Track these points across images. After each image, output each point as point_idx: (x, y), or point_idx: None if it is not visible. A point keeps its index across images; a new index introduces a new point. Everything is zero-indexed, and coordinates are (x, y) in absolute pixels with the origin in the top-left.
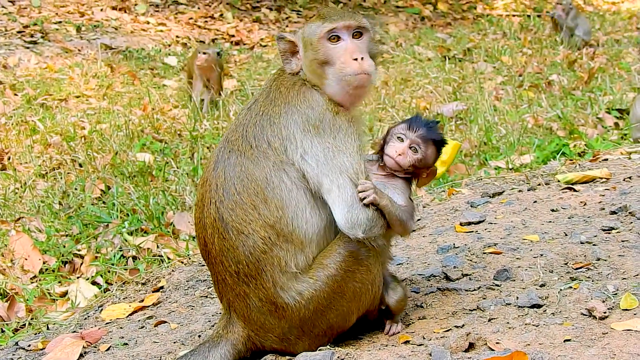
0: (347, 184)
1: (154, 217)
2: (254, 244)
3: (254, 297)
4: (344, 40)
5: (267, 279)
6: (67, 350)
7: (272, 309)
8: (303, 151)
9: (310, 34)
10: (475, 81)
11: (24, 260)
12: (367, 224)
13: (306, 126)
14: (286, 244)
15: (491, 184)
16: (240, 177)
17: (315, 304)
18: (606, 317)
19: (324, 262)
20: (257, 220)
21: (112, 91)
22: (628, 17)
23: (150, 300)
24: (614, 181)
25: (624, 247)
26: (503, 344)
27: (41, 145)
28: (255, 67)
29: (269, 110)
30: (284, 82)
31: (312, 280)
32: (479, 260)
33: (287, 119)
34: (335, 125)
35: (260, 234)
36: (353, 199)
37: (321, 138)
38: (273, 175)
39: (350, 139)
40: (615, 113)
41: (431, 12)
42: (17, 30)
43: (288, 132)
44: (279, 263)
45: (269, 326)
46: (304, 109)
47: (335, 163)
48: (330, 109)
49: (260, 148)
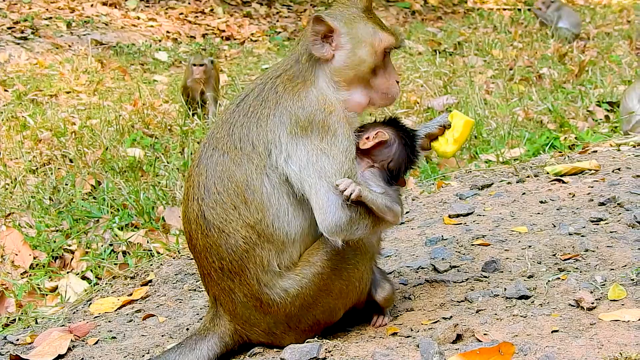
0: (324, 189)
1: (145, 212)
2: (236, 243)
3: (239, 292)
4: (388, 56)
5: (250, 277)
6: (55, 344)
7: (257, 305)
8: (287, 155)
9: (372, 36)
10: (465, 75)
11: (14, 256)
12: (348, 226)
13: (294, 128)
14: (268, 244)
15: (480, 177)
16: (221, 177)
17: (301, 300)
18: (594, 307)
19: (311, 259)
20: (237, 220)
21: (103, 87)
22: (619, 11)
23: (138, 294)
24: (603, 173)
25: (612, 239)
26: (491, 335)
27: (31, 140)
28: (245, 62)
29: (258, 111)
30: (284, 83)
31: (299, 277)
32: (467, 252)
33: (275, 121)
34: (325, 125)
35: (241, 234)
36: (330, 203)
37: (307, 139)
38: (254, 179)
39: (338, 140)
40: (606, 106)
41: (422, 6)
42: (7, 26)
43: (274, 136)
44: (261, 262)
45: (254, 321)
46: (294, 110)
47: (316, 168)
48: (323, 108)
49: (245, 150)
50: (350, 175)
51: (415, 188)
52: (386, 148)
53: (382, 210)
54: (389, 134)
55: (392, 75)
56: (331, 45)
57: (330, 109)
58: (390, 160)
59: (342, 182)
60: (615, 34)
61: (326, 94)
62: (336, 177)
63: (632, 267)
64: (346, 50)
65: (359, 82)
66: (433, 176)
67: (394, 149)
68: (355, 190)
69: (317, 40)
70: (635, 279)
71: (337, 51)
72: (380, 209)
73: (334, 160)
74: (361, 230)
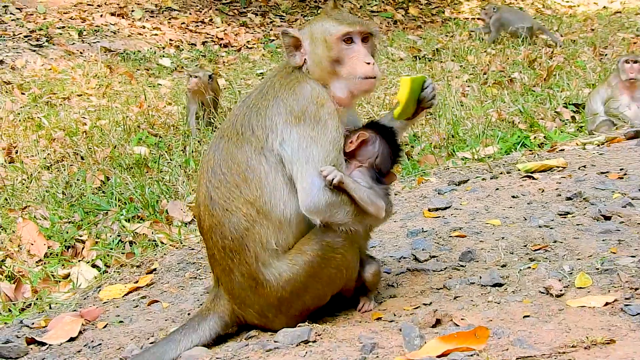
0: (310, 172)
1: (150, 205)
2: (238, 221)
3: (237, 272)
4: (356, 44)
5: (249, 255)
6: (67, 327)
7: (253, 285)
8: (282, 139)
9: (324, 32)
10: (443, 79)
11: (30, 245)
12: (327, 209)
13: (289, 117)
14: (266, 222)
15: (457, 173)
16: (226, 160)
17: (292, 286)
18: (562, 294)
19: (303, 248)
20: (239, 198)
21: (111, 90)
22: (583, 20)
23: (144, 282)
24: (570, 170)
25: (579, 231)
26: (467, 320)
27: (46, 140)
28: (242, 68)
29: (258, 103)
30: (281, 79)
31: (291, 264)
32: (446, 243)
33: (272, 111)
34: (316, 117)
35: (242, 211)
36: (312, 186)
37: (300, 128)
38: (253, 159)
39: (327, 131)
40: (572, 107)
41: (403, 16)
42: (24, 34)
43: (271, 123)
44: (260, 240)
45: (249, 302)
46: (290, 101)
47: (305, 153)
48: (315, 101)
49: (245, 135)
50: (336, 164)
51: (398, 184)
52: (370, 146)
53: (364, 200)
54: (369, 134)
55: (360, 58)
56: (300, 52)
57: (322, 102)
58: (376, 157)
59: (326, 168)
60: (580, 41)
61: (317, 89)
62: (322, 164)
63: (597, 257)
64: (309, 52)
65: (332, 77)
66: (414, 173)
67: (377, 146)
68: (337, 176)
69: (289, 51)
70: (600, 268)
71: (305, 56)
72: (362, 199)
73: (322, 148)
74: (341, 215)
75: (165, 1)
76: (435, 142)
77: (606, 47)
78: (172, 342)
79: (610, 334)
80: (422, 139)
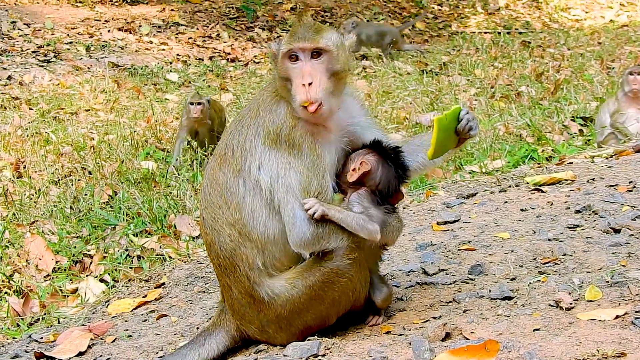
0: (291, 204)
1: (157, 220)
2: (225, 240)
3: (235, 289)
4: (301, 61)
5: (240, 273)
6: (75, 342)
7: (251, 302)
8: (260, 163)
9: (276, 49)
10: (450, 93)
11: (38, 260)
12: (315, 241)
13: (266, 140)
14: (249, 243)
15: (465, 187)
16: (211, 180)
17: (291, 306)
18: (572, 307)
19: (304, 274)
20: (222, 218)
21: (119, 105)
22: (590, 33)
23: (152, 296)
24: (579, 183)
25: (588, 243)
26: (477, 334)
27: (54, 154)
28: (249, 82)
29: (243, 121)
30: (264, 95)
31: (290, 285)
32: (455, 257)
33: (252, 130)
34: (290, 139)
35: (226, 231)
36: (295, 218)
37: (277, 152)
38: (232, 181)
39: (303, 155)
40: (580, 121)
41: (410, 30)
42: (32, 50)
43: (250, 144)
44: (247, 260)
45: (249, 318)
46: (266, 123)
47: (284, 182)
48: (288, 122)
49: (226, 156)
50: (320, 191)
51: (406, 197)
52: (372, 174)
53: (353, 227)
54: (372, 162)
55: (298, 79)
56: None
57: (293, 123)
58: (378, 183)
59: (307, 201)
60: (587, 54)
61: (289, 109)
62: (302, 194)
63: (607, 270)
64: (274, 69)
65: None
66: (422, 186)
67: (379, 173)
68: (319, 210)
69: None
70: (610, 281)
71: None
72: (350, 227)
73: (301, 176)
74: (334, 243)
75: (172, 16)
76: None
77: (613, 61)
78: (180, 357)
79: (621, 347)
80: None
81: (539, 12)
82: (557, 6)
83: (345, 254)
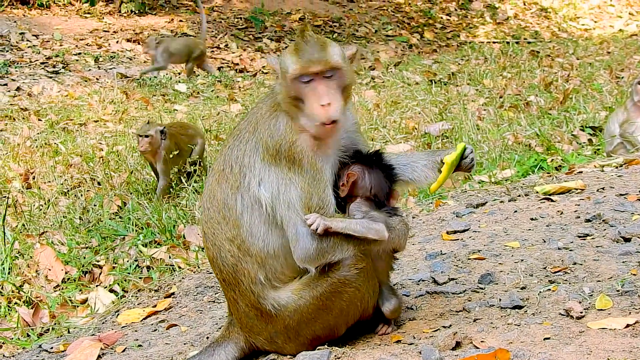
0: (293, 220)
1: (166, 230)
2: (225, 256)
3: (241, 302)
4: (315, 81)
5: (245, 288)
6: (86, 352)
7: (258, 314)
8: (260, 179)
9: (284, 68)
10: (459, 103)
11: (47, 271)
12: (320, 256)
13: (265, 155)
14: (249, 258)
15: (475, 196)
16: (210, 196)
17: (299, 316)
18: (582, 316)
19: (312, 284)
20: (221, 234)
21: (128, 116)
22: (599, 43)
23: (162, 306)
24: (588, 192)
25: (598, 252)
26: (487, 343)
27: (63, 165)
28: (257, 93)
29: (241, 135)
30: (262, 109)
31: (297, 296)
32: (464, 266)
33: (251, 146)
34: (290, 155)
35: (226, 247)
36: (299, 235)
37: (278, 167)
38: (230, 197)
39: (304, 170)
40: (589, 130)
41: (418, 40)
42: (40, 61)
43: (249, 160)
44: (248, 274)
45: (257, 329)
46: (265, 138)
47: (285, 198)
48: (287, 138)
49: (225, 171)
50: (322, 205)
51: (415, 207)
52: (361, 182)
53: (360, 232)
54: (357, 170)
55: (316, 100)
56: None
57: (293, 139)
58: (370, 188)
59: (309, 217)
60: (596, 64)
61: (290, 124)
62: (303, 210)
63: (617, 279)
64: (280, 85)
65: (298, 112)
66: (431, 196)
67: (367, 179)
68: (321, 224)
69: (275, 78)
70: (621, 289)
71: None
72: (357, 232)
73: (301, 192)
74: (339, 255)
75: (180, 27)
76: None
77: (622, 70)
78: None
79: (631, 355)
80: None
81: (547, 22)
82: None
83: (352, 264)
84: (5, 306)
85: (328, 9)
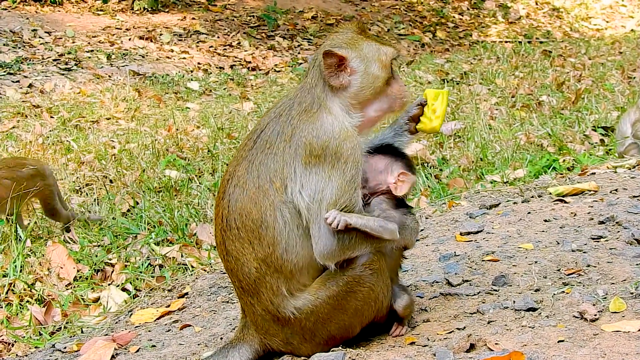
0: (319, 215)
1: (179, 229)
2: (249, 271)
3: (258, 307)
4: (394, 67)
5: (265, 298)
6: (99, 352)
7: (275, 319)
8: (301, 186)
9: (378, 53)
10: (471, 102)
11: (59, 269)
12: (340, 252)
13: (309, 158)
14: (277, 274)
15: (488, 197)
16: (240, 214)
17: (315, 317)
18: (597, 319)
19: (327, 284)
20: (250, 254)
21: (140, 113)
22: (611, 43)
23: (176, 306)
24: (602, 193)
25: (612, 255)
26: (502, 345)
27: (75, 163)
28: (270, 91)
29: (274, 145)
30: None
31: (313, 297)
32: (478, 267)
33: (290, 153)
34: (338, 152)
35: (254, 265)
36: (322, 232)
37: (320, 167)
38: (269, 215)
39: (347, 168)
40: (601, 130)
41: (430, 39)
42: (53, 58)
43: (289, 169)
44: (271, 287)
45: (273, 332)
46: (310, 139)
47: (321, 196)
48: (338, 135)
49: (262, 188)
50: (348, 204)
51: (428, 208)
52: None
53: (376, 230)
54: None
55: (401, 80)
56: (345, 72)
57: (345, 136)
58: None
59: (330, 214)
60: (608, 64)
61: (341, 121)
62: (333, 206)
63: (631, 281)
64: (360, 72)
65: (375, 98)
66: (444, 196)
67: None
68: (341, 221)
69: (332, 72)
70: (635, 292)
71: (352, 76)
72: (374, 230)
73: (338, 189)
74: (357, 252)
75: (193, 25)
76: (464, 165)
77: (634, 70)
78: None
79: None
80: (450, 162)
81: (559, 22)
82: (577, 16)
83: (365, 263)
84: (17, 304)
85: (341, 8)
